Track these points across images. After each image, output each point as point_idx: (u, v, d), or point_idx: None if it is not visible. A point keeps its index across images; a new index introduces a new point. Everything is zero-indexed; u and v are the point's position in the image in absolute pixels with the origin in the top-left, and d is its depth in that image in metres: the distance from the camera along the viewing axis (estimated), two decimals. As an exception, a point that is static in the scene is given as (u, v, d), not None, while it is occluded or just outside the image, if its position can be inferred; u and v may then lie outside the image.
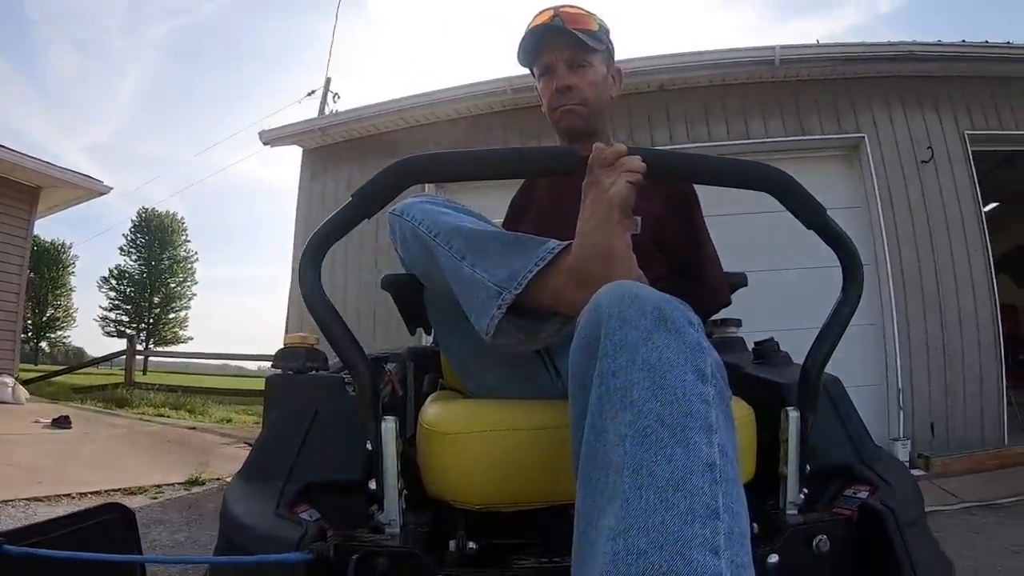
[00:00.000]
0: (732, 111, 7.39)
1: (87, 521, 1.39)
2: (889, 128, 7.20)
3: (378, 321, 7.36)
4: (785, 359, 1.74)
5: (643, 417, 0.85)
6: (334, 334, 1.27)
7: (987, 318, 6.88)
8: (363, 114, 8.35)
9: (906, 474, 1.44)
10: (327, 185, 8.53)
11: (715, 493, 0.80)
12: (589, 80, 1.87)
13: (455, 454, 1.31)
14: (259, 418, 11.47)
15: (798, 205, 1.27)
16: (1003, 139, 7.31)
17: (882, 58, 7.15)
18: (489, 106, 7.88)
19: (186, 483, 5.75)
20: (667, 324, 0.93)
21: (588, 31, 1.83)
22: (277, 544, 1.13)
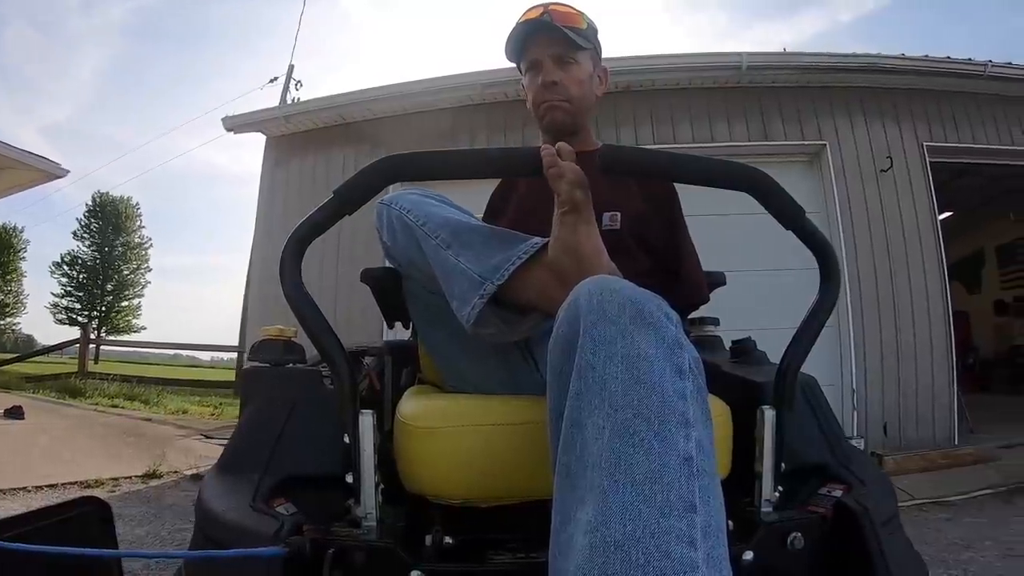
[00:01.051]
0: (697, 114, 7.46)
1: (64, 515, 1.38)
2: (850, 136, 7.34)
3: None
4: (762, 358, 1.77)
5: (621, 411, 0.86)
6: (313, 328, 1.27)
7: (940, 323, 7.03)
8: (330, 103, 8.19)
9: (880, 473, 1.47)
10: (290, 174, 8.35)
11: (692, 487, 0.81)
12: (575, 77, 1.88)
13: (432, 448, 1.31)
14: (214, 409, 11.42)
15: (777, 206, 1.28)
16: (960, 152, 7.52)
17: (846, 68, 7.29)
18: (459, 100, 7.76)
19: (144, 476, 5.62)
20: (645, 319, 0.93)
21: (576, 29, 1.84)
22: (253, 538, 1.12)
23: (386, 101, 7.93)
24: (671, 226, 1.90)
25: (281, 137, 8.49)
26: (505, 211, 1.98)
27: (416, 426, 1.33)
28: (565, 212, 1.26)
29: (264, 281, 8.06)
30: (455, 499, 1.32)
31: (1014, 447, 6.45)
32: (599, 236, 1.29)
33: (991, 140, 7.55)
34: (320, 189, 7.55)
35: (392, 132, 7.82)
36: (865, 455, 1.56)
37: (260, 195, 8.52)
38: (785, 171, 7.13)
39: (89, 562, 1.35)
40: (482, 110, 7.75)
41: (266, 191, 8.52)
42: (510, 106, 7.55)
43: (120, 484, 5.33)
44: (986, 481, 5.25)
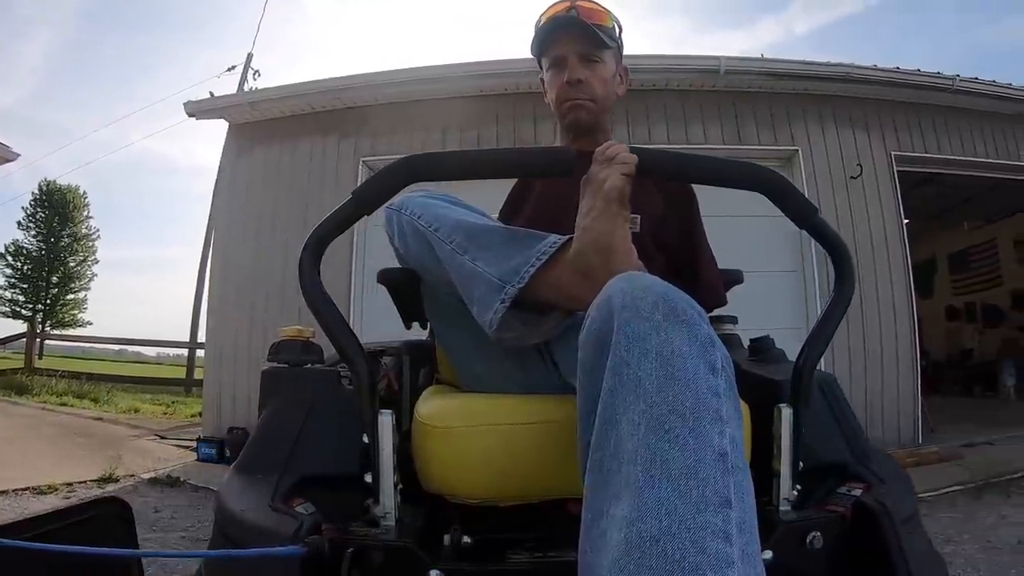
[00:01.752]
0: (673, 116, 7.54)
1: (85, 515, 1.38)
2: (822, 143, 7.52)
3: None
4: (780, 356, 1.79)
5: (656, 407, 0.87)
6: (332, 329, 1.27)
7: (905, 329, 7.22)
8: (298, 90, 7.99)
9: (900, 472, 1.48)
10: (254, 163, 8.17)
11: (727, 483, 0.82)
12: (600, 76, 1.88)
13: (450, 448, 1.32)
14: (167, 408, 11.24)
15: (791, 206, 1.31)
16: (925, 161, 7.86)
17: (821, 77, 7.47)
18: (434, 92, 7.71)
19: (99, 480, 5.51)
20: (678, 316, 0.95)
21: (603, 26, 1.84)
22: (272, 538, 1.13)
23: (357, 90, 7.80)
24: (689, 228, 1.91)
25: (244, 125, 8.29)
26: (522, 212, 1.97)
27: (434, 426, 1.34)
28: (611, 201, 1.26)
29: (225, 275, 7.95)
30: (473, 499, 1.33)
31: (975, 446, 6.73)
32: (629, 234, 1.30)
33: (956, 151, 7.90)
34: (285, 179, 7.57)
35: (362, 123, 7.83)
36: (884, 453, 1.58)
37: (219, 185, 8.46)
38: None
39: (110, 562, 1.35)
40: (457, 104, 7.68)
41: (227, 181, 8.39)
42: (486, 100, 7.63)
43: (75, 489, 5.21)
44: (955, 478, 5.37)
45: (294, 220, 7.51)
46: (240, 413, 7.29)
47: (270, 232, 7.64)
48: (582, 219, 1.30)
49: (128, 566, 1.41)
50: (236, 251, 7.83)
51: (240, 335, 7.58)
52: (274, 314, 7.30)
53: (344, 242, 7.12)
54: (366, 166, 7.67)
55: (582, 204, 1.31)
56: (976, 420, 8.33)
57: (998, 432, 7.38)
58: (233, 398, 7.49)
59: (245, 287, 7.69)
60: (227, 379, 7.58)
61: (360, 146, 7.78)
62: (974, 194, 10.73)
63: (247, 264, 7.69)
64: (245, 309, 7.60)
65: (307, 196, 7.67)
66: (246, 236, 7.78)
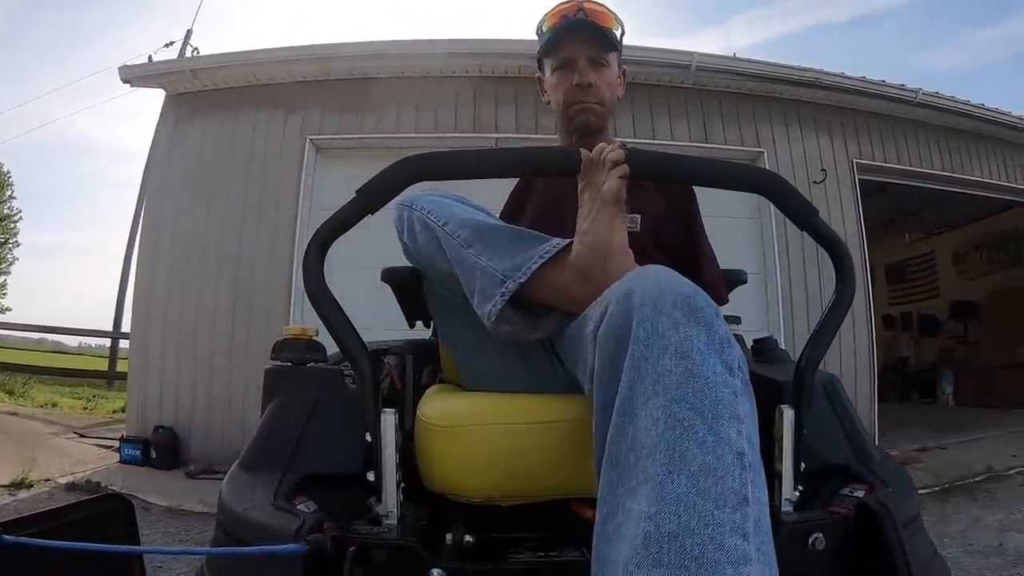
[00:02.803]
0: (639, 110, 7.48)
1: (88, 511, 1.39)
2: (786, 146, 7.61)
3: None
4: (783, 357, 1.81)
5: (676, 403, 0.88)
6: (336, 327, 1.28)
7: (863, 332, 7.35)
8: (244, 59, 7.46)
9: (903, 474, 1.50)
10: (191, 137, 7.53)
11: (744, 480, 0.84)
12: (607, 79, 1.91)
13: (453, 447, 1.34)
14: (87, 403, 10.76)
15: (791, 207, 1.33)
16: (884, 170, 8.15)
17: (790, 81, 7.57)
18: (389, 70, 7.41)
19: (10, 486, 5.08)
20: (697, 314, 0.96)
21: (610, 29, 1.87)
22: (274, 535, 1.14)
23: (307, 63, 7.39)
24: (689, 228, 1.94)
25: (184, 96, 7.69)
26: (524, 211, 2.00)
27: (437, 425, 1.36)
28: (608, 203, 1.29)
29: (155, 258, 7.28)
30: (476, 498, 1.34)
31: (929, 450, 6.90)
32: (627, 236, 1.33)
33: (914, 162, 8.22)
34: (224, 155, 7.21)
35: (310, 98, 7.47)
36: (887, 455, 1.60)
37: (152, 160, 7.84)
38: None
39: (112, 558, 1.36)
40: (413, 84, 7.45)
41: (161, 156, 7.74)
42: (442, 81, 7.41)
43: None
44: (919, 482, 5.37)
45: (232, 200, 7.16)
46: (167, 411, 6.85)
47: (205, 212, 7.18)
48: (581, 223, 1.33)
49: (130, 563, 1.43)
50: (167, 232, 7.27)
51: (169, 324, 7.02)
52: (208, 300, 6.98)
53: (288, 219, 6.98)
54: (313, 144, 7.31)
55: (581, 208, 1.35)
56: (920, 425, 8.74)
57: (943, 436, 7.67)
58: (160, 394, 6.95)
59: (176, 271, 7.13)
60: (153, 373, 7.01)
61: (308, 123, 7.36)
62: (921, 207, 11.29)
63: (179, 246, 7.18)
64: (175, 295, 7.07)
65: (248, 174, 7.23)
66: (179, 216, 7.26)
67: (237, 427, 6.55)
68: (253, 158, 7.28)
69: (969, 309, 12.80)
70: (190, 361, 6.91)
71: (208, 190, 7.23)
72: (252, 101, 7.54)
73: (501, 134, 7.21)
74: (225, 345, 6.86)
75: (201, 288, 7.02)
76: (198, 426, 6.74)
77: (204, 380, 6.85)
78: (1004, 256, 12.18)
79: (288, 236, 6.97)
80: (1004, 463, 6.09)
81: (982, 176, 8.75)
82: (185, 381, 6.90)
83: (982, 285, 12.65)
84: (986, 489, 5.39)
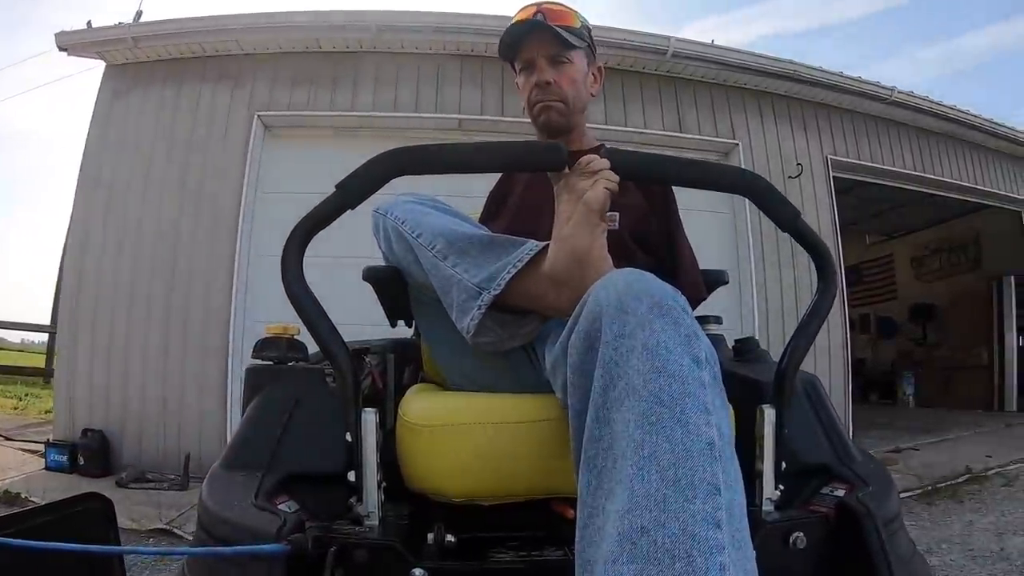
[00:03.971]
0: (612, 95, 7.38)
1: (68, 510, 1.41)
2: (761, 139, 7.64)
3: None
4: (764, 357, 1.87)
5: (644, 401, 0.93)
6: (316, 326, 1.31)
7: (838, 332, 7.48)
8: (190, 27, 6.98)
9: (884, 473, 1.55)
10: (129, 112, 7.13)
11: (715, 470, 0.88)
12: (569, 76, 1.95)
13: (434, 447, 1.38)
14: (18, 402, 10.44)
15: (774, 209, 1.38)
16: (859, 168, 8.32)
17: (768, 72, 7.58)
18: (346, 44, 7.13)
19: None
20: (663, 310, 1.01)
21: (570, 28, 1.91)
22: (255, 535, 1.16)
23: (258, 33, 7.04)
24: (668, 225, 1.99)
25: (125, 66, 7.28)
26: (502, 213, 2.04)
27: (418, 424, 1.39)
28: (591, 211, 1.33)
29: (86, 244, 6.87)
30: (457, 497, 1.38)
31: (902, 451, 7.11)
32: (606, 242, 1.38)
33: (886, 161, 8.40)
34: (163, 133, 6.91)
35: (259, 72, 7.14)
36: (868, 454, 1.66)
37: (90, 133, 7.22)
38: (695, 168, 7.36)
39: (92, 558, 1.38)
40: (371, 59, 7.18)
41: (97, 132, 7.17)
42: (402, 58, 7.19)
43: None
44: (901, 484, 5.50)
45: (171, 183, 6.82)
46: (97, 412, 6.47)
47: (140, 196, 6.83)
48: (559, 228, 1.37)
49: (110, 562, 1.45)
50: (99, 216, 6.87)
51: (101, 315, 6.65)
52: (141, 289, 6.63)
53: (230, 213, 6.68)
54: (261, 122, 6.98)
55: (559, 211, 1.39)
56: (888, 426, 9.12)
57: (914, 437, 7.95)
58: (89, 394, 6.56)
59: (108, 258, 6.76)
60: (82, 370, 6.61)
61: (256, 97, 7.02)
62: (883, 209, 11.73)
63: (112, 232, 6.80)
64: (107, 284, 6.72)
65: (188, 155, 6.90)
66: (111, 199, 6.89)
67: (174, 431, 6.34)
68: (194, 137, 6.97)
69: (927, 312, 13.23)
70: (121, 358, 6.59)
71: (144, 172, 6.91)
72: (196, 74, 7.21)
73: (464, 115, 7.06)
74: (160, 340, 6.53)
75: (133, 277, 6.70)
76: (130, 429, 6.41)
77: (137, 379, 6.51)
78: (963, 260, 12.61)
79: (231, 222, 6.69)
80: (982, 463, 6.25)
81: (952, 178, 9.01)
82: (116, 380, 6.57)
83: (940, 288, 13.09)
84: (969, 491, 5.52)
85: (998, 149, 9.65)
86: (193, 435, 6.28)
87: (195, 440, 6.21)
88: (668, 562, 0.80)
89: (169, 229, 6.70)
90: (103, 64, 7.34)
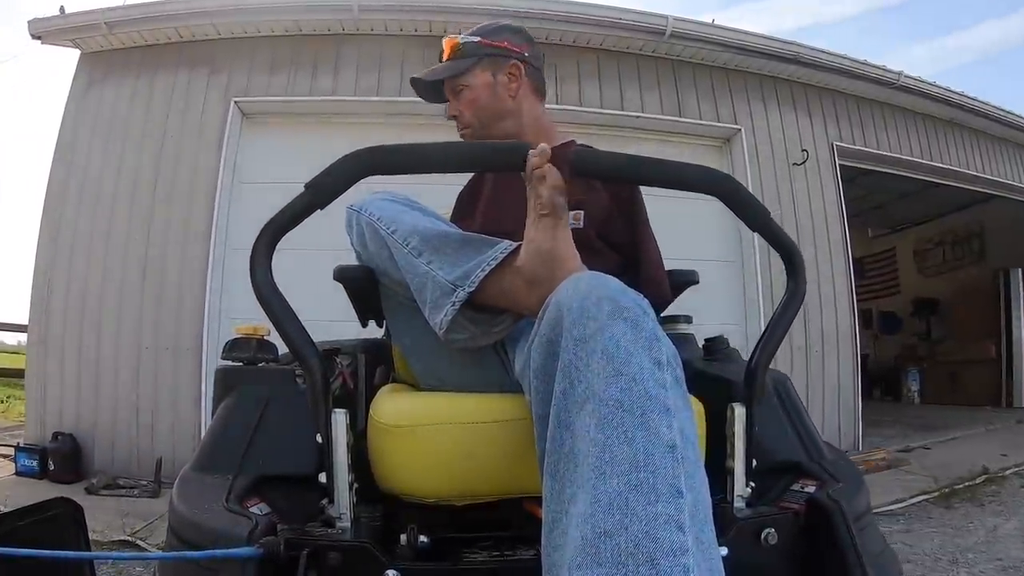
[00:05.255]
0: (607, 77, 7.38)
1: (39, 515, 1.45)
2: (765, 125, 7.69)
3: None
4: (734, 355, 1.93)
5: (604, 404, 0.97)
6: (285, 326, 1.35)
7: (846, 324, 7.46)
8: (162, 11, 6.89)
9: (853, 469, 1.62)
10: (103, 101, 7.10)
11: (677, 473, 0.91)
12: (468, 99, 2.06)
13: (406, 448, 1.43)
14: (0, 404, 10.37)
15: (743, 209, 1.43)
16: (865, 156, 8.32)
17: (770, 54, 7.52)
18: (327, 26, 7.09)
19: None
20: (623, 314, 1.06)
21: (453, 56, 2.05)
22: (226, 539, 1.21)
23: (233, 16, 6.97)
24: (633, 224, 2.03)
25: (99, 54, 7.26)
26: (473, 213, 2.10)
27: (390, 425, 1.44)
28: (544, 215, 1.39)
29: (55, 240, 6.83)
30: (429, 498, 1.43)
31: (912, 450, 7.05)
32: (571, 239, 1.43)
33: (893, 148, 8.38)
34: (136, 122, 6.88)
35: (236, 57, 7.12)
36: (838, 451, 1.72)
37: (63, 124, 7.17)
38: (693, 153, 7.39)
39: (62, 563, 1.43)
40: (353, 42, 7.16)
41: (70, 123, 7.14)
42: (386, 40, 7.15)
43: None
44: (915, 485, 5.50)
45: (144, 174, 6.79)
46: (68, 415, 6.46)
47: (112, 188, 6.80)
48: (527, 230, 1.42)
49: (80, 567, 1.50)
50: (71, 210, 6.84)
51: (71, 313, 6.63)
52: (113, 287, 6.61)
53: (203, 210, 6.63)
54: (238, 108, 6.94)
55: (528, 214, 1.43)
56: (895, 424, 9.11)
57: (924, 435, 7.90)
58: (60, 395, 6.54)
59: (79, 254, 6.74)
60: (53, 370, 6.58)
61: (233, 83, 7.00)
62: (887, 200, 11.72)
63: (83, 226, 6.77)
64: (78, 281, 6.69)
65: (162, 145, 6.86)
66: (83, 192, 6.87)
67: (147, 434, 6.32)
68: (169, 125, 6.92)
69: (931, 306, 13.26)
70: (93, 358, 6.54)
71: (117, 163, 6.87)
72: (171, 60, 7.17)
73: None
74: (132, 339, 6.50)
75: (105, 273, 6.66)
76: (102, 433, 6.38)
77: (108, 379, 6.47)
78: (966, 253, 12.65)
79: (205, 214, 6.66)
80: (997, 463, 6.19)
81: (959, 166, 9.01)
82: (87, 381, 6.53)
83: (944, 282, 13.13)
84: (988, 492, 5.44)
85: (1004, 137, 9.67)
86: (166, 438, 6.25)
87: (168, 444, 6.18)
88: (632, 566, 0.83)
89: (142, 224, 6.66)
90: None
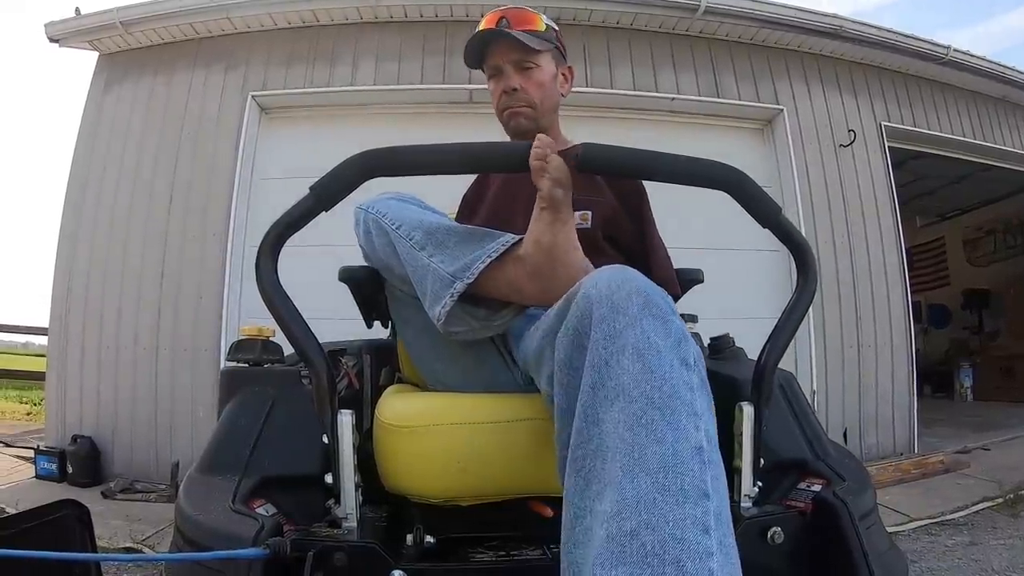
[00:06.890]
0: (640, 59, 7.20)
1: (45, 517, 1.53)
2: (808, 105, 7.48)
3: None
4: (740, 355, 1.98)
5: (634, 402, 1.01)
6: (291, 328, 1.40)
7: (899, 315, 7.21)
8: (182, 7, 6.91)
9: (859, 468, 1.66)
10: (121, 101, 7.18)
11: (704, 475, 0.95)
12: (536, 80, 2.07)
13: (412, 448, 1.49)
14: (32, 408, 10.53)
15: (754, 204, 1.47)
16: (914, 137, 8.00)
17: (810, 29, 7.32)
18: (345, 16, 7.05)
19: None
20: (653, 310, 1.10)
21: (534, 32, 2.04)
22: (233, 540, 1.26)
23: (249, 8, 6.94)
24: (640, 223, 2.08)
25: (116, 55, 7.36)
26: (478, 210, 2.16)
27: (395, 425, 1.50)
28: (544, 208, 1.45)
29: (75, 242, 6.91)
30: (435, 498, 1.49)
31: (970, 451, 6.78)
32: (574, 233, 1.49)
33: (944, 128, 8.06)
34: (154, 122, 6.92)
35: (253, 51, 7.12)
36: (844, 449, 1.76)
37: (82, 126, 7.26)
38: (734, 136, 7.33)
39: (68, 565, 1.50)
40: (373, 30, 7.10)
41: (88, 125, 7.22)
42: (406, 27, 7.10)
43: None
44: (978, 491, 5.31)
45: (162, 174, 6.83)
46: (88, 418, 6.53)
47: (130, 188, 6.87)
48: (531, 223, 1.49)
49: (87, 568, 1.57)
50: (90, 211, 6.93)
51: (91, 316, 6.69)
52: (131, 288, 6.66)
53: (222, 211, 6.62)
54: (256, 103, 6.96)
55: (534, 209, 1.50)
56: (948, 422, 8.69)
57: (981, 435, 7.58)
58: (80, 398, 6.61)
59: (98, 255, 6.80)
60: (72, 373, 6.65)
61: (250, 78, 6.99)
62: (937, 186, 11.34)
63: (103, 228, 6.85)
64: (97, 283, 6.76)
65: (180, 140, 6.90)
66: (102, 193, 6.94)
67: (165, 437, 6.35)
68: (186, 122, 6.95)
69: (983, 298, 12.96)
70: (112, 360, 6.59)
71: (134, 163, 6.92)
72: (188, 57, 7.20)
73: (476, 84, 6.63)
74: (150, 340, 6.53)
75: (123, 273, 6.71)
76: (121, 436, 6.42)
77: (127, 382, 6.51)
78: (1019, 241, 12.34)
79: (223, 212, 6.67)
80: None
81: (1014, 147, 8.70)
82: (107, 383, 6.58)
83: (995, 272, 12.81)
84: None
85: (1060, 116, 9.31)
86: (184, 441, 6.29)
87: (186, 447, 6.21)
88: (658, 566, 0.86)
89: (160, 225, 6.71)
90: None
